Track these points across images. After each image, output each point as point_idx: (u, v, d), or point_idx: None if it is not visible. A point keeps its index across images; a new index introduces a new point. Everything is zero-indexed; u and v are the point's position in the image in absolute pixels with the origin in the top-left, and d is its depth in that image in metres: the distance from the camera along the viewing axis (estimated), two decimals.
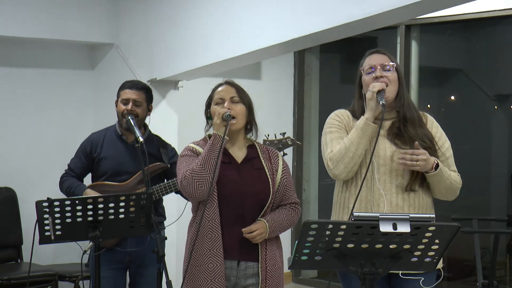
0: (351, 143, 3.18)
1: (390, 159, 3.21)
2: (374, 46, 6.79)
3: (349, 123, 3.32)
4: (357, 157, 3.18)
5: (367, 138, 3.18)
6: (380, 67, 3.26)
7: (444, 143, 3.31)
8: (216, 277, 3.13)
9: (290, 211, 3.29)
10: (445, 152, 3.29)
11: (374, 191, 3.20)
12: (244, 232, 3.15)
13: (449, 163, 3.29)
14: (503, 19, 5.89)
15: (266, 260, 3.20)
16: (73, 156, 4.26)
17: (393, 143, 3.24)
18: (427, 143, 3.23)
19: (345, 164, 3.20)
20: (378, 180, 3.20)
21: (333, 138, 3.30)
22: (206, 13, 5.21)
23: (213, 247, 3.14)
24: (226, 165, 3.22)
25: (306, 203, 7.15)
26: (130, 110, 4.07)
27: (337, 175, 3.26)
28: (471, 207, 6.05)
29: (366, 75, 3.29)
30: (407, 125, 3.26)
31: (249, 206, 3.18)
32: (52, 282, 5.25)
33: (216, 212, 3.15)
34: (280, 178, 3.27)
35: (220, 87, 3.31)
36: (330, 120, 3.38)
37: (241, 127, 3.27)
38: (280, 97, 7.00)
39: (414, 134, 3.23)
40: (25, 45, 5.83)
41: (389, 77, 3.25)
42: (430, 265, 2.48)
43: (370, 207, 3.19)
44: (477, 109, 6.43)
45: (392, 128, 3.27)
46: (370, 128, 3.17)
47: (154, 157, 4.11)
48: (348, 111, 3.37)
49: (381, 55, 3.32)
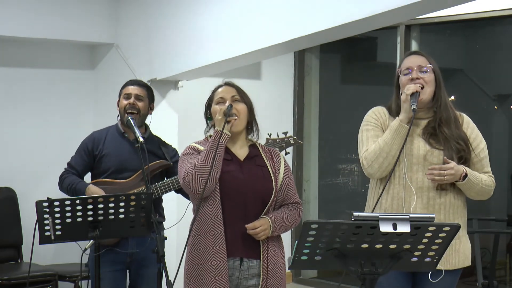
0: (385, 143, 3.22)
1: (423, 158, 3.25)
2: (374, 46, 6.81)
3: (386, 120, 3.36)
4: (391, 157, 3.22)
5: (400, 139, 3.21)
6: (417, 68, 3.30)
7: (479, 144, 3.33)
8: (219, 274, 3.12)
9: (292, 211, 3.29)
10: (480, 153, 3.32)
11: (406, 189, 3.23)
12: (248, 228, 3.14)
13: (483, 164, 3.33)
14: (503, 19, 5.89)
15: (268, 258, 3.19)
16: (74, 154, 4.26)
17: (427, 143, 3.27)
18: (461, 145, 3.26)
19: (379, 164, 3.24)
20: (411, 178, 3.23)
21: (369, 136, 3.34)
22: (206, 13, 5.21)
23: (216, 244, 3.13)
24: (229, 162, 3.22)
25: (306, 203, 7.15)
26: (132, 104, 4.09)
27: (371, 174, 3.30)
28: (471, 207, 6.05)
29: (403, 76, 3.33)
30: (442, 126, 3.29)
31: (252, 203, 3.18)
32: (52, 282, 5.25)
33: (218, 208, 3.15)
34: (282, 177, 3.27)
35: (220, 88, 3.31)
36: (367, 117, 3.42)
37: (243, 127, 3.27)
38: (280, 97, 7.00)
39: (449, 134, 3.27)
40: (25, 45, 5.83)
41: (425, 78, 3.29)
42: (430, 265, 2.49)
43: (402, 204, 3.23)
44: (477, 109, 6.42)
45: (427, 128, 3.30)
46: (403, 129, 3.21)
47: (156, 155, 4.12)
48: (385, 108, 3.41)
49: (418, 57, 3.36)
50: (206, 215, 3.15)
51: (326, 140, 7.20)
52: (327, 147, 7.26)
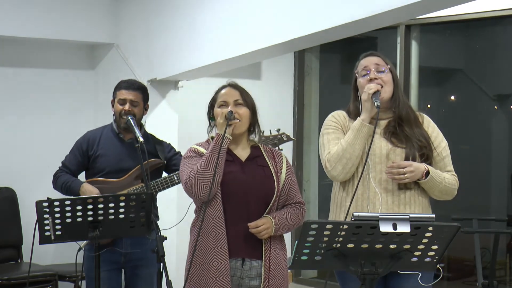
0: (348, 144, 3.21)
1: (386, 157, 3.24)
2: (374, 46, 6.80)
3: (346, 123, 3.35)
4: (354, 158, 3.21)
5: (363, 139, 3.20)
6: (374, 68, 3.30)
7: (440, 143, 3.33)
8: (221, 275, 3.12)
9: (295, 211, 3.29)
10: (442, 152, 3.31)
11: (370, 189, 3.22)
12: (250, 227, 3.14)
13: (445, 163, 3.31)
14: (503, 19, 5.89)
15: (270, 258, 3.19)
16: (68, 153, 4.26)
17: (389, 142, 3.26)
18: (422, 142, 3.26)
19: (342, 165, 3.23)
20: (374, 178, 3.22)
21: (330, 139, 3.33)
22: (206, 13, 5.21)
23: (218, 245, 3.13)
24: (230, 163, 3.22)
25: (306, 203, 7.09)
26: (127, 110, 4.08)
27: (335, 176, 3.29)
28: (471, 207, 6.05)
29: (361, 78, 3.32)
30: (403, 125, 3.28)
31: (254, 202, 3.18)
32: (52, 282, 5.25)
33: (220, 209, 3.15)
34: (284, 177, 3.27)
35: (223, 89, 3.30)
36: (327, 121, 3.41)
37: (245, 129, 3.27)
38: (280, 97, 6.99)
39: (410, 133, 3.26)
40: (25, 45, 5.83)
41: (383, 78, 3.29)
42: (430, 265, 2.49)
43: (366, 205, 3.21)
44: (477, 109, 6.42)
45: (388, 127, 3.30)
46: (365, 128, 3.20)
47: (151, 153, 4.11)
48: (344, 112, 3.40)
49: (374, 57, 3.35)
50: (208, 216, 3.15)
51: None
52: None
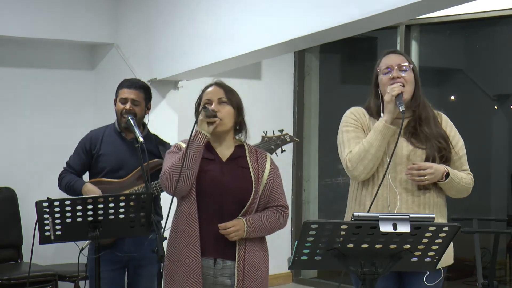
0: (370, 145, 3.19)
1: (407, 158, 3.23)
2: (374, 46, 6.81)
3: (366, 121, 3.33)
4: (376, 159, 3.20)
5: (385, 140, 3.20)
6: (397, 67, 3.28)
7: (457, 142, 3.34)
8: (192, 272, 3.12)
9: (275, 214, 3.26)
10: (459, 151, 3.32)
11: (390, 189, 3.21)
12: (220, 227, 3.13)
13: (462, 162, 3.33)
14: (503, 19, 5.89)
15: (244, 259, 3.17)
16: (72, 153, 4.26)
17: (409, 142, 3.26)
18: (442, 144, 3.26)
19: (364, 166, 3.21)
20: (394, 178, 3.22)
21: (350, 138, 3.31)
22: (206, 13, 5.21)
23: (190, 242, 3.14)
24: (210, 161, 3.22)
25: (306, 203, 7.15)
26: (128, 109, 4.08)
27: (356, 176, 3.27)
28: (471, 207, 6.05)
29: (383, 75, 3.30)
30: (423, 125, 3.28)
31: (229, 203, 3.17)
32: (52, 282, 5.24)
33: (194, 207, 3.14)
34: (266, 179, 3.24)
35: (209, 88, 3.29)
36: (346, 118, 3.38)
37: (228, 128, 3.25)
38: (280, 97, 6.99)
39: (429, 133, 3.26)
40: (25, 45, 5.83)
41: (406, 77, 3.27)
42: (430, 265, 2.48)
43: (387, 205, 3.21)
44: (477, 109, 6.43)
45: (408, 127, 3.29)
46: (389, 131, 3.19)
47: (153, 154, 4.11)
48: (363, 109, 3.39)
49: (398, 56, 3.34)
50: (182, 213, 3.16)
51: (326, 140, 7.20)
52: (327, 147, 7.25)
